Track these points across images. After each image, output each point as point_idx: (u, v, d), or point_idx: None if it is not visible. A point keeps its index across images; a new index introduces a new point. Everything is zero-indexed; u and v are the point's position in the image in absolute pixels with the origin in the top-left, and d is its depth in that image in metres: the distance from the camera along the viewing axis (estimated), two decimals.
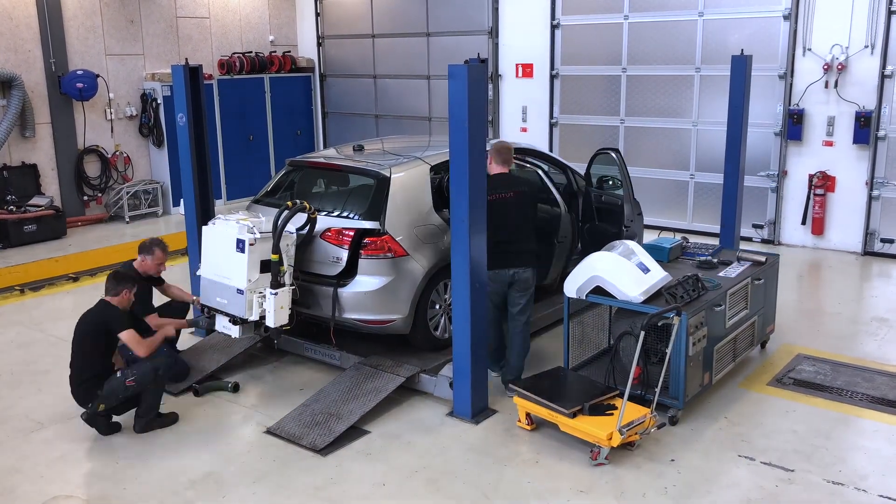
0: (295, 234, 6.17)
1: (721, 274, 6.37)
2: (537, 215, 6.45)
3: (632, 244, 6.06)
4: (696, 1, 10.86)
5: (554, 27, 12.16)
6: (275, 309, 5.93)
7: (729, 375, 6.37)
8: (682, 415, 5.76)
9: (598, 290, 5.83)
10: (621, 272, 5.73)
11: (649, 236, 7.99)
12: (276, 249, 5.98)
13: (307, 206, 6.23)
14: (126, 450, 5.53)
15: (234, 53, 14.21)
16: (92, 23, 12.58)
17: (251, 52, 14.35)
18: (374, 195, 6.54)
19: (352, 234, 6.29)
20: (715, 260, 6.67)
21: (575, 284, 5.92)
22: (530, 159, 7.85)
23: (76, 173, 12.51)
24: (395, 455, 5.40)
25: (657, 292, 5.74)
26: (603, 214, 7.66)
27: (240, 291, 5.97)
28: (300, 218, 6.26)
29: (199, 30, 14.04)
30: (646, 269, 5.82)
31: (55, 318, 8.29)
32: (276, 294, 5.92)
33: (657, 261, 6.07)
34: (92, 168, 12.73)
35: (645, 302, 5.63)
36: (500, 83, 12.93)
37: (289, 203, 6.16)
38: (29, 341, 7.62)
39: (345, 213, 6.55)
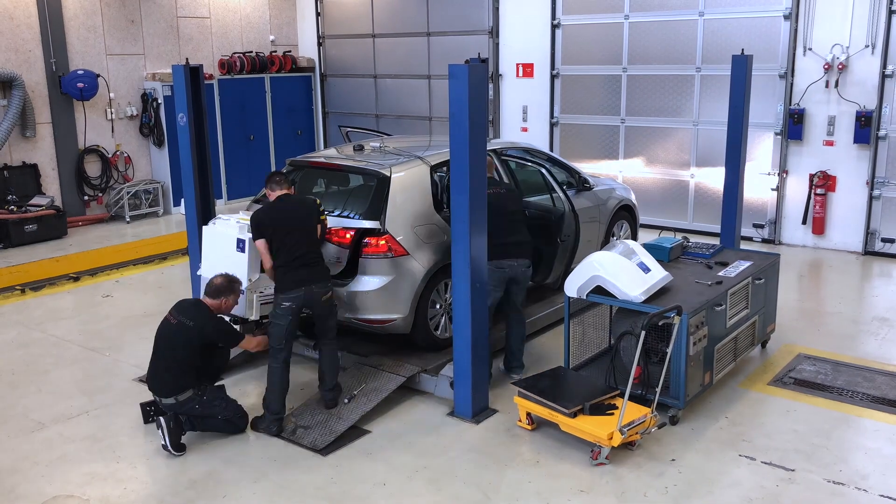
0: None
1: (721, 273, 6.38)
2: (520, 216, 6.48)
3: (632, 243, 6.06)
4: (696, 1, 10.85)
5: (554, 27, 12.16)
6: None
7: (729, 375, 6.37)
8: (682, 414, 5.76)
9: (599, 290, 5.82)
10: (622, 272, 5.73)
11: (650, 235, 7.99)
12: None
13: (317, 202, 6.22)
14: (126, 449, 5.53)
15: (235, 53, 14.21)
16: (92, 23, 12.59)
17: (252, 51, 14.35)
18: (374, 195, 6.54)
19: (352, 233, 6.29)
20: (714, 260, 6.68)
21: (575, 284, 5.91)
22: (530, 158, 7.85)
23: (77, 173, 12.51)
24: (396, 455, 5.40)
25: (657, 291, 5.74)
26: (535, 229, 7.01)
27: (241, 291, 5.97)
28: None
29: (200, 29, 14.04)
30: (646, 269, 5.82)
31: (56, 318, 8.29)
32: None
33: (658, 260, 6.07)
34: (92, 168, 12.74)
35: (645, 302, 5.63)
36: (500, 83, 12.93)
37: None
38: (29, 341, 7.62)
39: (345, 213, 6.55)
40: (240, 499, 4.94)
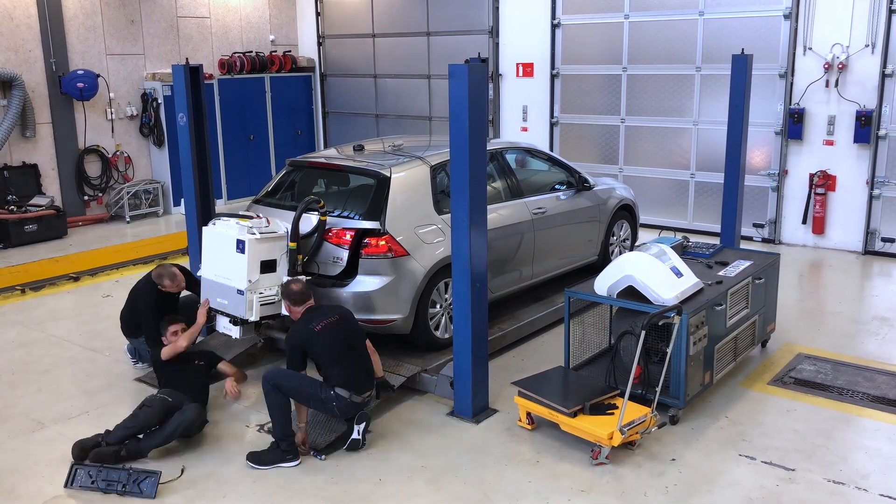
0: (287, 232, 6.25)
1: (721, 273, 6.37)
2: None
3: (664, 247, 6.05)
4: (696, 0, 10.85)
5: (554, 26, 12.16)
6: None
7: (729, 375, 6.37)
8: (682, 414, 5.76)
9: (628, 291, 5.77)
10: (656, 275, 5.69)
11: (650, 235, 7.99)
12: (295, 238, 6.10)
13: (322, 203, 6.36)
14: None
15: (235, 53, 14.21)
16: (92, 22, 12.59)
17: (251, 51, 14.34)
18: (374, 195, 6.54)
19: (352, 233, 6.29)
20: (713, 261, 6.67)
21: (606, 283, 5.88)
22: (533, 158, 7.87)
23: (77, 173, 12.51)
24: (396, 454, 5.40)
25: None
26: None
27: (240, 292, 5.98)
28: (308, 222, 6.29)
29: (200, 29, 14.04)
30: (679, 274, 5.80)
31: (56, 317, 8.29)
32: None
33: None
34: (92, 168, 12.74)
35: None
36: (500, 82, 12.93)
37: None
38: (29, 341, 7.62)
39: (345, 213, 6.55)
40: (240, 499, 4.94)
